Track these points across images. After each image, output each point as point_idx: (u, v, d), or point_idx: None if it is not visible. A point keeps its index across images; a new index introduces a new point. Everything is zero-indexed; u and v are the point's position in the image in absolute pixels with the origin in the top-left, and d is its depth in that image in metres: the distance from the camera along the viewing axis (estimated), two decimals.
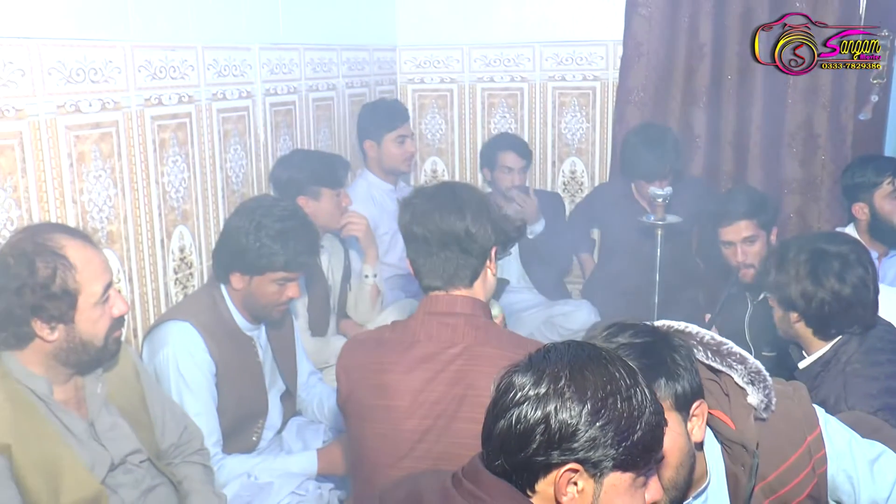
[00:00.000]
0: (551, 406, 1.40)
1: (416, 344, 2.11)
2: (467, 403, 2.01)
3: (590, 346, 1.53)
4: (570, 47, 4.77)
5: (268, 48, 3.56)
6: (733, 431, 1.88)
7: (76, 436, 2.06)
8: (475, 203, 2.18)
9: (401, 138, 4.22)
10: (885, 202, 3.60)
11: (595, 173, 4.89)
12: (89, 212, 2.62)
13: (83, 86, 2.56)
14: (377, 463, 2.11)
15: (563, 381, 1.41)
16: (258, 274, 2.73)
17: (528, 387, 1.43)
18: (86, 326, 2.03)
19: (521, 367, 1.48)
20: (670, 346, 1.78)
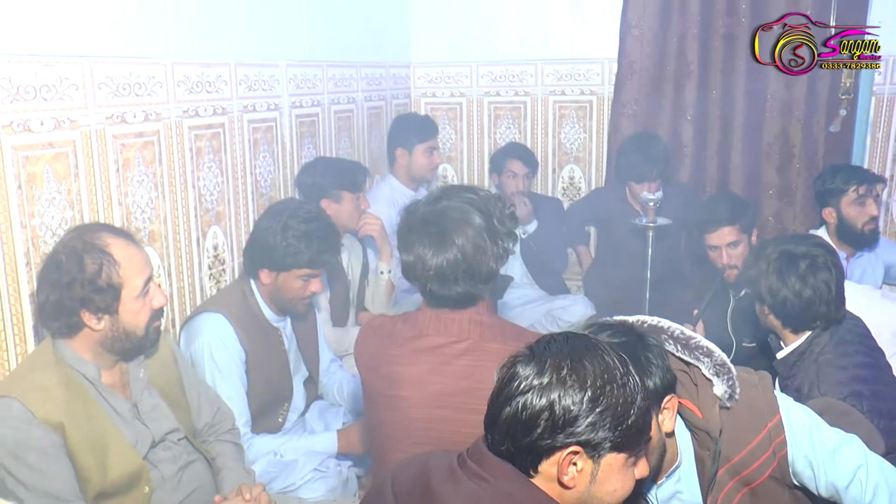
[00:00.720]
0: (555, 394, 1.41)
1: (424, 337, 2.06)
2: (475, 396, 1.94)
3: (586, 337, 1.54)
4: (569, 64, 4.78)
5: (294, 65, 3.57)
6: (700, 419, 1.91)
7: (121, 416, 2.08)
8: (481, 232, 2.02)
9: (430, 149, 4.28)
10: (850, 208, 3.61)
11: (592, 179, 4.90)
12: (133, 213, 2.64)
13: (129, 99, 2.58)
14: (390, 448, 2.09)
15: (564, 370, 1.43)
16: (284, 270, 2.75)
17: (532, 376, 1.44)
18: (128, 317, 2.05)
19: (524, 357, 1.48)
20: (644, 345, 1.79)
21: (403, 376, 2.05)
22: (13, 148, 2.17)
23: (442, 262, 2.01)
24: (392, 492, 1.62)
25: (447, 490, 1.52)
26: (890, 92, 4.37)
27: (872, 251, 3.77)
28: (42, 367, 1.99)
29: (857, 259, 3.74)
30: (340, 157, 3.92)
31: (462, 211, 2.05)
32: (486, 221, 2.04)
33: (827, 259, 2.51)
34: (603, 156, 4.82)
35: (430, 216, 2.06)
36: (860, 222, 3.60)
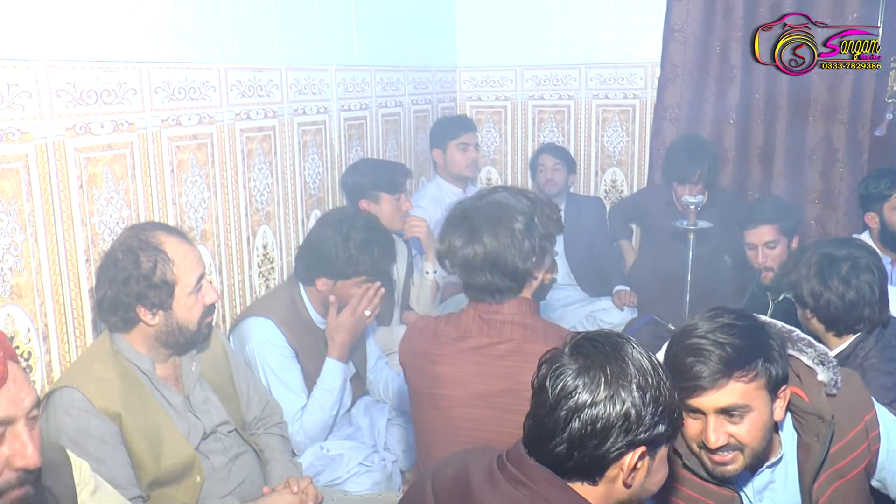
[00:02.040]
0: (626, 401, 1.41)
1: (467, 338, 2.07)
2: (517, 397, 1.91)
3: (614, 340, 1.52)
4: (612, 69, 4.77)
5: (343, 69, 3.61)
6: (808, 404, 1.88)
7: (174, 408, 2.13)
8: (516, 229, 2.03)
9: (463, 145, 4.28)
10: (893, 213, 3.54)
11: (634, 182, 4.88)
12: (186, 212, 2.70)
13: (184, 102, 2.64)
14: (433, 446, 2.10)
15: (618, 377, 1.43)
16: (344, 279, 2.80)
17: (592, 388, 1.43)
18: (182, 312, 2.10)
19: (568, 367, 1.47)
20: (767, 333, 1.79)
21: (447, 376, 2.06)
22: (75, 150, 2.24)
23: (469, 254, 2.04)
24: (432, 491, 1.62)
25: (486, 493, 1.52)
26: None
27: None
28: (100, 360, 2.05)
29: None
30: (383, 159, 3.95)
31: (500, 207, 2.06)
32: (525, 221, 2.04)
33: (869, 261, 2.46)
34: (645, 159, 4.80)
35: (469, 211, 2.09)
36: None
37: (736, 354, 1.70)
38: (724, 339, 1.71)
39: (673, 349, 1.79)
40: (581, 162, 4.91)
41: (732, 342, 1.71)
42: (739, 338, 1.72)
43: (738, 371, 1.70)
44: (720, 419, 1.73)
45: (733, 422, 1.73)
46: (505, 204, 2.07)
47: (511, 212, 2.05)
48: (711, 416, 1.73)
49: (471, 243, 2.04)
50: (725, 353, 1.69)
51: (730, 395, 1.70)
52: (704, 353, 1.71)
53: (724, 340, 1.71)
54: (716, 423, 1.73)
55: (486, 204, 2.09)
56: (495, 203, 2.09)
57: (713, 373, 1.69)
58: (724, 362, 1.69)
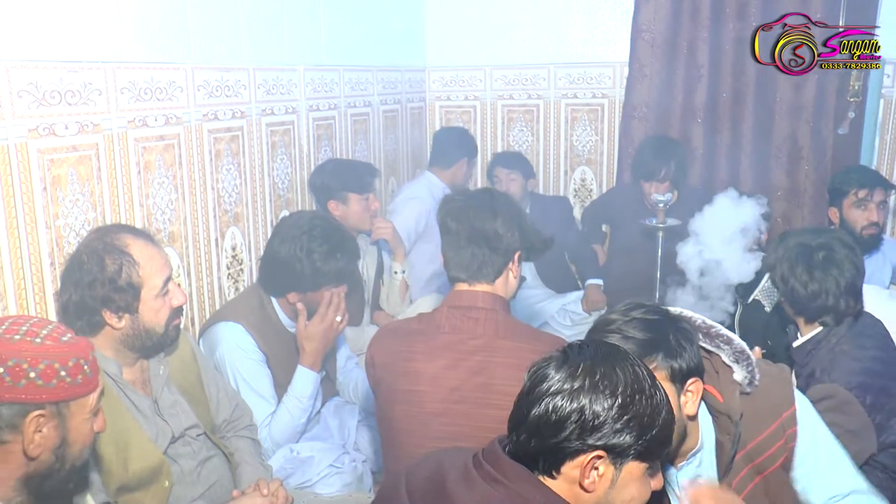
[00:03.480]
0: (586, 399, 1.42)
1: (441, 335, 2.10)
2: (488, 391, 2.00)
3: (617, 347, 1.55)
4: (581, 68, 4.78)
5: (311, 69, 3.59)
6: (721, 404, 1.92)
7: (142, 412, 2.10)
8: (509, 209, 2.16)
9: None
10: (850, 210, 3.61)
11: (603, 181, 4.90)
12: (153, 214, 2.67)
13: (150, 103, 2.60)
14: (405, 442, 2.11)
15: (597, 376, 1.43)
16: (315, 290, 2.79)
17: (565, 379, 1.44)
18: (148, 316, 2.07)
19: (557, 359, 1.49)
20: (674, 327, 1.80)
21: (421, 372, 2.08)
22: (39, 151, 2.20)
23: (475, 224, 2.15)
24: (406, 490, 1.62)
25: (462, 491, 1.51)
26: None
27: (877, 253, 3.75)
28: None
29: (866, 260, 3.71)
30: (350, 159, 3.92)
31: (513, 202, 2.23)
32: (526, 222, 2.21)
33: (843, 255, 2.50)
34: (614, 158, 4.82)
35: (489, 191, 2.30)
36: (859, 225, 3.58)
37: (638, 348, 1.73)
38: (630, 333, 1.76)
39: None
40: (550, 161, 4.93)
41: (636, 336, 1.76)
42: (643, 331, 1.76)
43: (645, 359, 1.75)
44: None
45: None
46: (512, 198, 2.28)
47: (515, 203, 2.23)
48: None
49: (472, 208, 2.16)
50: (630, 348, 1.71)
51: None
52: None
53: (629, 334, 1.76)
54: None
55: (495, 190, 2.29)
56: (504, 193, 2.29)
57: None
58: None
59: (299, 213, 3.07)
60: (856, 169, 3.88)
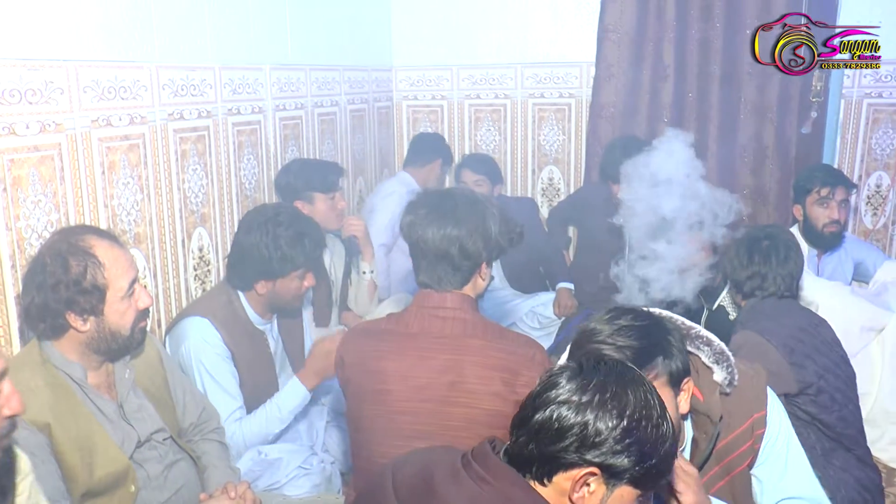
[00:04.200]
0: (591, 414, 1.39)
1: (410, 334, 2.09)
2: (456, 390, 2.00)
3: (633, 370, 1.52)
4: (548, 68, 4.79)
5: (278, 68, 3.55)
6: (701, 403, 1.93)
7: (107, 416, 2.06)
8: (473, 216, 2.10)
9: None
10: (813, 208, 3.69)
11: (571, 180, 4.91)
12: (119, 215, 2.62)
13: (114, 102, 2.56)
14: (374, 441, 2.09)
15: (608, 394, 1.41)
16: (283, 276, 2.76)
17: (576, 391, 1.42)
18: (114, 318, 2.03)
19: (572, 370, 1.47)
20: (665, 329, 1.81)
21: (390, 371, 2.06)
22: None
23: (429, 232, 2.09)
24: (392, 486, 1.60)
25: (449, 490, 1.50)
26: (858, 95, 4.41)
27: (839, 250, 3.80)
28: (28, 369, 1.97)
29: (829, 257, 3.79)
30: (316, 158, 3.89)
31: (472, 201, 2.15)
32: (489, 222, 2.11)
33: (785, 246, 2.73)
34: (581, 157, 4.83)
35: (440, 194, 2.22)
36: (820, 223, 3.67)
37: (635, 357, 1.71)
38: (622, 343, 1.74)
39: (574, 356, 1.82)
40: (518, 161, 4.93)
41: (631, 345, 1.74)
42: (637, 339, 1.74)
43: (643, 370, 1.71)
44: None
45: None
46: (477, 199, 2.16)
47: (480, 207, 2.12)
48: None
49: (435, 221, 2.09)
50: (626, 358, 1.70)
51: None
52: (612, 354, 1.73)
53: (622, 344, 1.74)
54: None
55: (459, 193, 2.18)
56: (468, 195, 2.18)
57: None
58: (633, 360, 1.70)
59: (263, 205, 3.05)
60: (819, 168, 3.94)
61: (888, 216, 4.53)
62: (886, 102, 4.38)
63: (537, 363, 2.02)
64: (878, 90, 4.38)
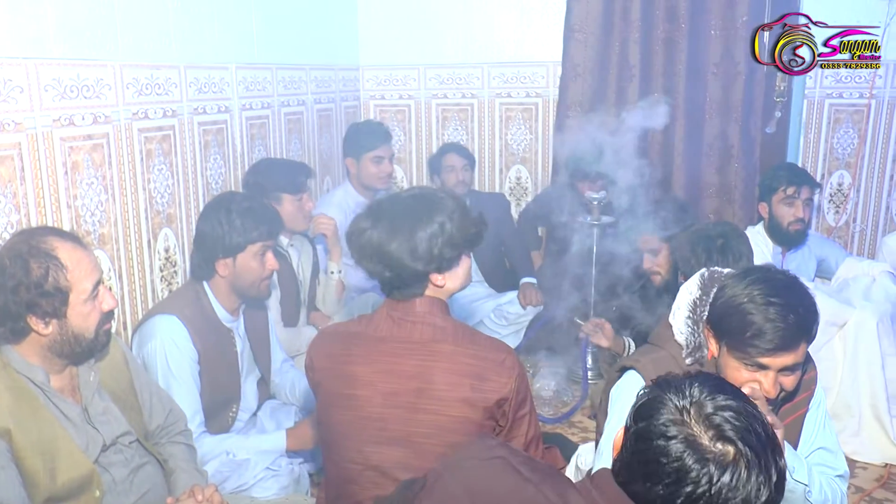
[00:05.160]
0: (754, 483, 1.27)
1: (379, 338, 2.04)
2: (425, 396, 1.95)
3: (758, 416, 1.35)
4: (514, 67, 4.78)
5: (244, 67, 3.51)
6: None
7: (71, 420, 2.02)
8: (422, 221, 1.98)
9: (378, 158, 4.13)
10: (778, 206, 3.73)
11: (538, 179, 4.91)
12: (82, 216, 2.57)
13: (76, 101, 2.51)
14: (343, 446, 2.06)
15: (761, 460, 1.28)
16: (241, 251, 2.73)
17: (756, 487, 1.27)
18: (77, 321, 1.99)
19: (745, 467, 1.27)
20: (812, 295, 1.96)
21: (359, 375, 2.02)
22: None
23: (364, 241, 2.01)
24: None
25: None
26: (820, 95, 4.45)
27: (803, 247, 3.85)
28: None
29: (792, 254, 3.83)
30: (285, 158, 3.85)
31: (414, 206, 2.03)
32: (433, 225, 1.99)
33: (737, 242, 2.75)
34: (549, 156, 4.83)
35: (386, 201, 2.09)
36: (786, 221, 3.72)
37: (806, 318, 1.87)
38: (793, 302, 1.87)
39: (739, 305, 1.90)
40: (486, 160, 4.93)
41: (803, 305, 1.88)
42: (804, 302, 1.89)
43: (807, 335, 1.89)
44: (778, 373, 1.90)
45: (785, 375, 1.92)
46: (429, 200, 2.04)
47: (421, 212, 2.01)
48: (773, 372, 1.90)
49: (371, 230, 2.01)
50: (799, 318, 1.85)
51: (797, 356, 1.89)
52: (779, 317, 1.84)
53: (793, 303, 1.86)
54: (774, 378, 1.90)
55: (405, 198, 2.07)
56: (419, 196, 2.07)
57: (792, 338, 1.85)
58: (800, 327, 1.86)
59: (222, 193, 3.03)
60: (786, 167, 3.98)
61: (849, 214, 4.58)
62: (847, 103, 4.43)
63: (507, 368, 1.96)
64: (839, 91, 4.42)
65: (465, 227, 2.03)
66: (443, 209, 2.01)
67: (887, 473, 3.20)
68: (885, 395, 3.31)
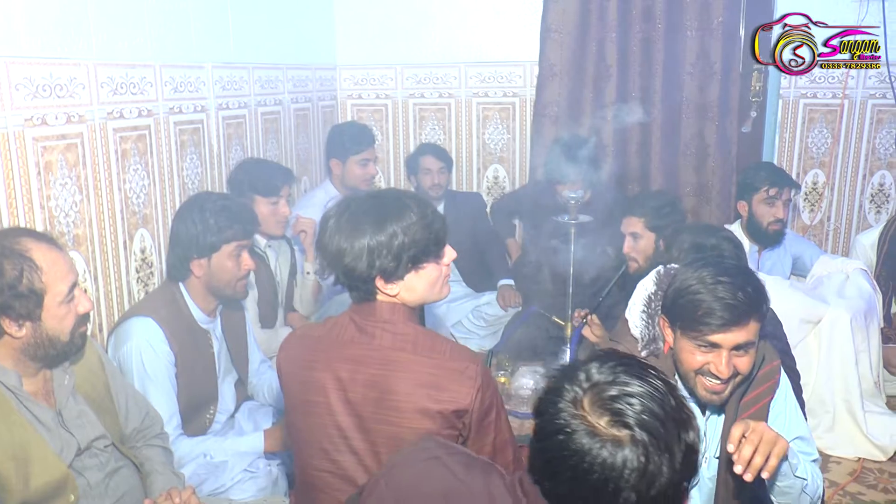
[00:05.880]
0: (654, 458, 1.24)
1: (341, 344, 1.99)
2: (384, 406, 1.89)
3: (674, 393, 1.34)
4: (491, 67, 4.78)
5: (220, 67, 3.48)
6: None
7: (45, 424, 1.98)
8: (363, 236, 1.91)
9: (364, 161, 4.18)
10: (759, 206, 3.75)
11: (516, 178, 4.91)
12: (56, 217, 2.53)
13: (49, 100, 2.47)
14: (305, 453, 2.02)
15: (678, 444, 1.26)
16: (216, 251, 2.71)
17: (651, 466, 1.24)
18: (52, 323, 1.95)
19: (626, 442, 1.25)
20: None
21: (320, 382, 1.97)
22: None
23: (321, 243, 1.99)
24: None
25: None
26: (795, 95, 4.48)
27: (780, 246, 3.87)
28: None
29: (769, 252, 3.87)
30: (267, 160, 3.81)
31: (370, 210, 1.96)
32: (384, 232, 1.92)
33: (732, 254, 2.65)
34: (526, 155, 4.83)
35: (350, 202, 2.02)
36: (765, 221, 3.74)
37: (755, 296, 1.94)
38: (741, 282, 1.95)
39: (689, 289, 1.99)
40: (463, 159, 4.92)
41: (750, 284, 1.96)
42: (752, 282, 1.97)
43: (756, 312, 1.95)
44: (731, 353, 1.96)
45: (739, 355, 1.97)
46: (381, 208, 1.96)
47: (376, 217, 1.94)
48: (725, 351, 1.95)
49: (330, 226, 1.97)
50: (747, 295, 1.92)
51: (748, 333, 1.95)
52: (729, 294, 1.92)
53: (741, 283, 1.94)
54: (727, 357, 1.96)
55: (368, 200, 2.00)
56: (376, 201, 1.99)
57: (740, 313, 1.92)
58: (748, 303, 1.92)
59: (196, 194, 3.00)
60: (767, 167, 3.98)
61: (824, 212, 4.61)
62: (820, 103, 4.46)
63: (467, 377, 1.88)
64: (813, 91, 4.46)
65: (416, 242, 1.94)
66: (400, 219, 1.93)
67: (860, 467, 3.22)
68: (859, 391, 3.34)
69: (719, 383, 2.00)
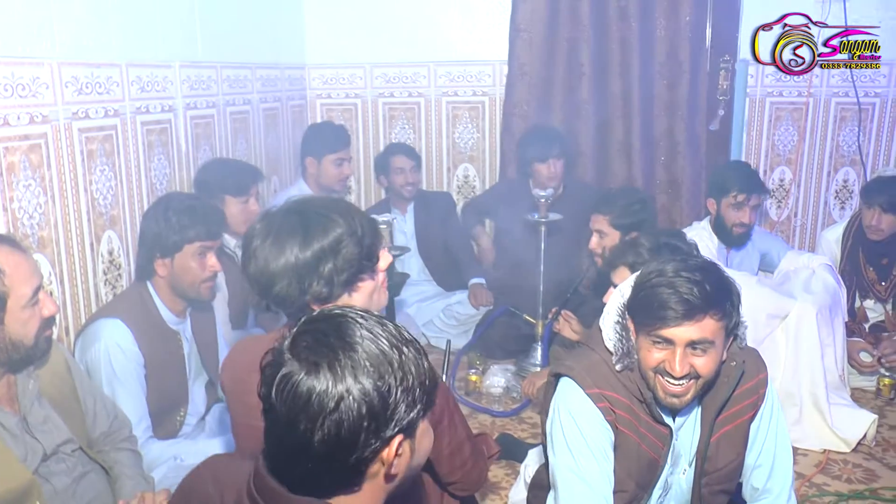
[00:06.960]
0: (368, 396, 1.19)
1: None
2: None
3: (339, 318, 1.28)
4: (461, 66, 4.76)
5: (187, 66, 3.43)
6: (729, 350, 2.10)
7: (8, 430, 1.93)
8: (292, 262, 1.78)
9: (339, 161, 4.21)
10: (727, 210, 3.77)
11: (486, 177, 4.90)
12: (20, 218, 2.47)
13: (11, 100, 2.41)
14: None
15: (355, 369, 1.20)
16: (178, 251, 2.64)
17: (324, 391, 1.19)
18: (16, 327, 1.91)
19: (298, 373, 1.21)
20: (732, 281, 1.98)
21: (254, 407, 1.85)
22: None
23: (243, 259, 1.86)
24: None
25: None
26: (761, 94, 4.52)
27: (748, 243, 3.89)
28: None
29: (737, 250, 3.87)
30: (235, 159, 3.77)
31: (296, 225, 1.82)
32: (310, 251, 1.79)
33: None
34: (496, 154, 4.83)
35: (276, 214, 1.87)
36: (730, 223, 3.76)
37: (714, 293, 1.85)
38: (699, 278, 1.86)
39: (649, 282, 1.92)
40: (433, 158, 4.91)
41: (710, 281, 1.87)
42: (714, 280, 1.88)
43: (713, 309, 1.86)
44: (686, 351, 1.88)
45: (697, 354, 1.89)
46: (302, 226, 1.81)
47: (302, 236, 1.81)
48: (680, 348, 1.88)
49: (250, 261, 1.83)
50: (704, 291, 1.84)
51: (702, 330, 1.86)
52: (685, 288, 1.85)
53: (700, 279, 1.85)
54: (682, 354, 1.88)
55: (287, 215, 1.85)
56: (294, 219, 1.83)
57: (693, 307, 1.84)
58: (703, 298, 1.84)
59: (166, 194, 2.96)
60: (739, 170, 3.95)
61: (791, 209, 4.65)
62: (786, 101, 4.50)
63: None
64: (779, 89, 4.49)
65: (349, 263, 1.82)
66: (325, 235, 1.80)
67: (826, 459, 3.25)
68: (824, 384, 3.36)
69: (676, 384, 1.91)
